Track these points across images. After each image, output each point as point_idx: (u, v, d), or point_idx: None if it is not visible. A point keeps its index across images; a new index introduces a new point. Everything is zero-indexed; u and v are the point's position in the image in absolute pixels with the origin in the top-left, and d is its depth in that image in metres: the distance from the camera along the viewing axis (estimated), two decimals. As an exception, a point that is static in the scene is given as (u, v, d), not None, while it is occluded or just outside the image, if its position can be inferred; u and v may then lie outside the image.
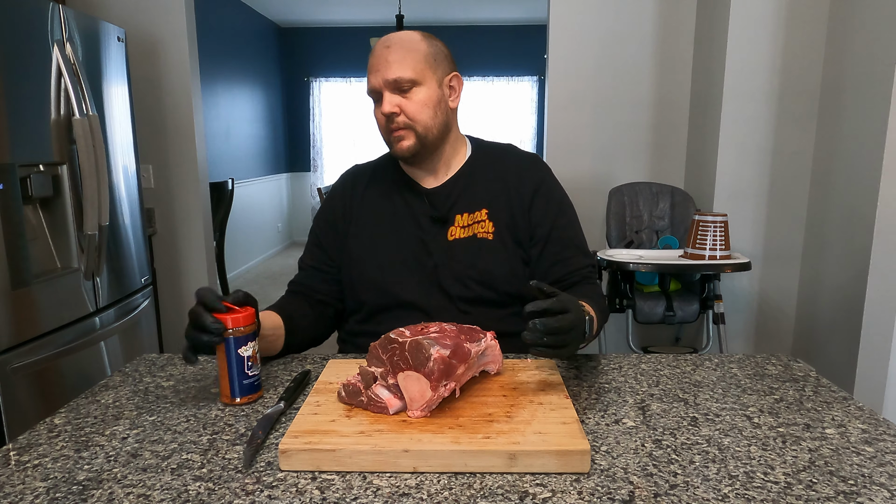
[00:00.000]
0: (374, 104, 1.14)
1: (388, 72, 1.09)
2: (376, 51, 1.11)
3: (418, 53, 1.11)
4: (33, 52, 1.82)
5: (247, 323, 0.88)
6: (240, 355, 0.88)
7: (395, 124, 1.11)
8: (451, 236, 1.17)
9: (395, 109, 1.10)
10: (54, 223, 1.95)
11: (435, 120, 1.14)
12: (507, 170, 1.21)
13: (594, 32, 2.80)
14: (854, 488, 0.68)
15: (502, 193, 1.19)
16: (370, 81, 1.12)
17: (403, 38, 1.12)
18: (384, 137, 1.16)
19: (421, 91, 1.11)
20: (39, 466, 0.74)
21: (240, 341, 0.88)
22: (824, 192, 2.44)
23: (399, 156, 1.15)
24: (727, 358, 1.12)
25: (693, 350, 2.79)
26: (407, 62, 1.09)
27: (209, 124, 4.82)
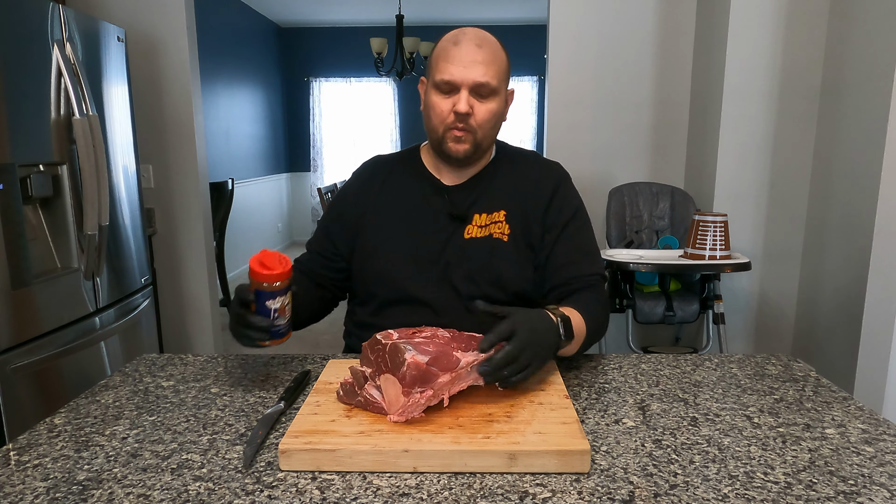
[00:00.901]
0: (440, 93, 1.09)
1: (476, 73, 1.06)
2: (465, 44, 1.07)
3: (503, 63, 1.11)
4: (33, 52, 1.82)
5: (273, 280, 0.91)
6: (266, 307, 0.92)
7: (462, 125, 1.09)
8: (467, 234, 1.17)
9: (470, 111, 1.08)
10: (54, 223, 1.95)
11: (493, 131, 1.14)
12: (528, 175, 1.21)
13: (594, 32, 2.80)
14: (854, 488, 0.68)
15: (521, 197, 1.18)
16: (450, 72, 1.07)
17: (491, 42, 1.10)
18: (438, 131, 1.12)
19: (494, 102, 1.10)
20: (39, 466, 0.74)
21: (267, 295, 0.92)
22: (824, 192, 2.44)
23: (451, 155, 1.13)
24: (727, 358, 1.12)
25: (693, 350, 2.78)
26: (494, 69, 1.08)
27: (209, 124, 4.82)
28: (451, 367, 0.80)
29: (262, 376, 1.03)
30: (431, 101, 1.11)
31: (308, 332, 4.32)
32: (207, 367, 1.07)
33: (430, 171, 1.22)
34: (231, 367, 1.07)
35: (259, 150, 6.23)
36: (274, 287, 0.91)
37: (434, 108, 1.11)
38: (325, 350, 3.75)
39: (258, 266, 0.90)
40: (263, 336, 0.93)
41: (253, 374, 1.04)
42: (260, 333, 0.93)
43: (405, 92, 7.02)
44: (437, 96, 1.10)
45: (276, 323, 0.93)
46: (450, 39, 1.10)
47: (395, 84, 6.99)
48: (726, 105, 2.52)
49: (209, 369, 1.07)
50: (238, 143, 5.62)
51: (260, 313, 0.92)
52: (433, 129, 1.13)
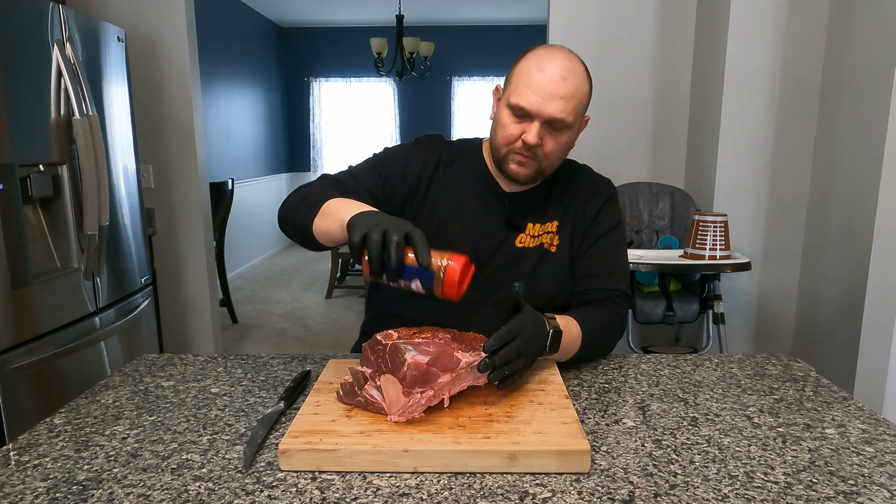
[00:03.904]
0: (512, 115, 1.06)
1: (554, 108, 1.02)
2: (550, 73, 1.02)
3: (583, 97, 1.06)
4: (33, 52, 1.82)
5: (444, 290, 0.81)
6: (409, 274, 0.81)
7: (528, 152, 1.06)
8: (519, 243, 1.15)
9: (539, 143, 1.05)
10: (54, 223, 1.95)
11: (559, 161, 1.12)
12: (582, 189, 1.19)
13: (594, 32, 2.80)
14: (854, 488, 0.68)
15: (574, 210, 1.17)
16: (528, 100, 1.02)
17: (577, 74, 1.04)
18: (501, 151, 1.09)
19: (566, 135, 1.07)
20: (39, 466, 0.74)
21: (423, 278, 0.81)
22: (824, 192, 2.44)
23: (509, 175, 1.11)
24: (727, 358, 1.12)
25: (693, 350, 2.78)
26: (573, 106, 1.04)
27: (209, 124, 4.82)
28: (452, 367, 0.80)
29: (262, 376, 1.03)
30: (502, 119, 1.08)
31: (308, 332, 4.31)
32: (207, 367, 1.07)
33: (491, 173, 1.19)
34: (231, 367, 1.07)
35: (259, 150, 6.23)
36: (434, 290, 0.81)
37: (503, 127, 1.08)
38: (325, 350, 3.76)
39: (459, 275, 0.80)
40: (376, 274, 0.81)
41: (253, 374, 1.04)
42: (377, 272, 0.80)
43: (405, 92, 7.02)
44: (508, 116, 1.06)
45: (394, 284, 0.83)
46: (535, 62, 1.04)
47: (395, 84, 6.99)
48: (726, 105, 2.52)
49: (209, 369, 1.07)
50: (238, 143, 5.62)
51: (404, 272, 0.81)
52: (497, 145, 1.11)
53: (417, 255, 0.79)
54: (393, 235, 0.78)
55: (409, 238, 0.80)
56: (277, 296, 4.87)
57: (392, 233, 0.78)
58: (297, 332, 3.96)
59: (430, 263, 0.80)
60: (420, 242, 0.80)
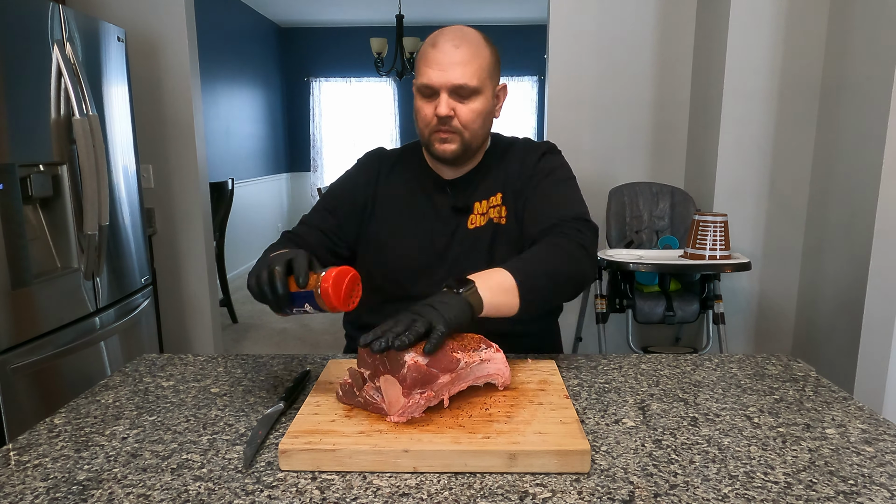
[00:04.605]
0: (422, 97, 1.10)
1: (453, 74, 1.05)
2: (442, 45, 1.06)
3: (484, 60, 1.08)
4: (33, 52, 1.82)
5: (328, 306, 0.85)
6: (301, 304, 0.86)
7: (446, 127, 1.09)
8: (470, 224, 1.17)
9: (451, 113, 1.07)
10: (54, 223, 1.95)
11: (482, 129, 1.13)
12: (515, 155, 1.21)
13: (594, 32, 2.80)
14: (854, 488, 0.68)
15: (514, 176, 1.19)
16: (428, 76, 1.06)
17: (472, 40, 1.08)
18: (424, 134, 1.13)
19: (478, 101, 1.09)
20: (39, 466, 0.74)
21: (312, 302, 0.85)
22: (824, 192, 2.44)
23: (438, 156, 1.13)
24: (727, 358, 1.12)
25: (693, 350, 2.78)
26: (473, 69, 1.06)
27: (209, 124, 4.82)
28: (451, 367, 0.80)
29: (262, 376, 1.03)
30: (416, 106, 1.12)
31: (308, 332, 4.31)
32: (207, 367, 1.07)
33: (431, 168, 1.22)
34: (231, 367, 1.07)
35: (259, 150, 6.23)
36: (322, 306, 0.85)
37: (418, 111, 1.12)
38: (325, 350, 3.76)
39: (332, 291, 0.83)
40: (274, 308, 0.87)
41: (253, 374, 1.04)
42: (275, 307, 0.87)
43: (405, 92, 7.02)
44: (420, 100, 1.11)
45: (293, 311, 0.89)
46: (429, 41, 1.09)
47: (395, 84, 6.99)
48: (726, 105, 2.52)
49: (209, 369, 1.07)
50: (238, 143, 5.62)
51: (293, 301, 0.86)
52: (420, 132, 1.14)
53: (295, 278, 0.85)
54: (275, 266, 0.85)
55: (290, 265, 0.86)
56: (277, 296, 4.85)
57: (275, 264, 0.85)
58: (297, 332, 3.96)
59: (307, 284, 0.84)
60: (297, 267, 0.85)
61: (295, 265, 0.86)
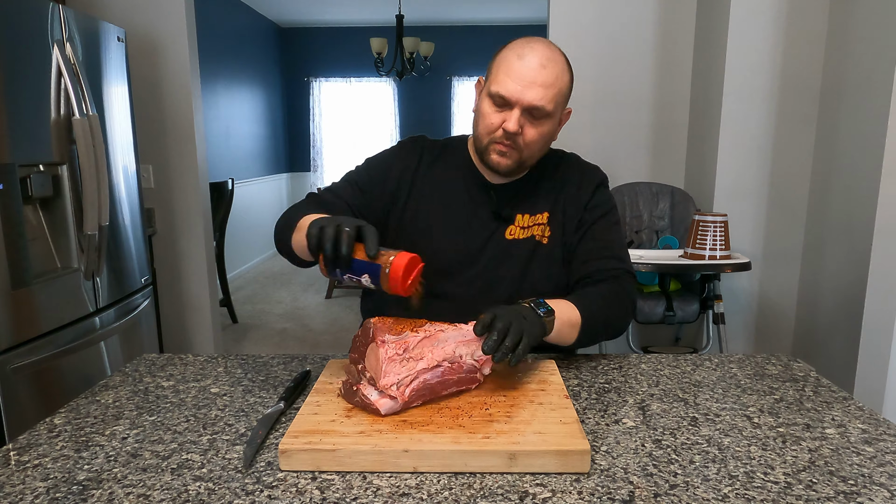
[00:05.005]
0: (492, 104, 1.07)
1: (534, 95, 1.03)
2: (529, 61, 1.03)
3: (563, 86, 1.07)
4: (33, 52, 1.82)
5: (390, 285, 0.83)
6: (358, 269, 0.84)
7: (509, 142, 1.07)
8: (509, 235, 1.15)
9: (519, 130, 1.05)
10: (54, 223, 1.95)
11: (541, 152, 1.12)
12: (571, 177, 1.19)
13: (594, 32, 2.80)
14: (854, 488, 0.68)
15: (564, 199, 1.17)
16: (507, 88, 1.03)
17: (557, 62, 1.05)
18: (483, 140, 1.10)
19: (547, 124, 1.08)
20: (39, 466, 0.74)
21: (371, 272, 0.83)
22: (824, 192, 2.44)
23: (491, 166, 1.11)
24: (727, 358, 1.12)
25: (693, 350, 2.78)
26: (553, 93, 1.04)
27: (209, 124, 4.82)
28: (422, 325, 0.87)
29: (262, 376, 1.03)
30: (482, 109, 1.09)
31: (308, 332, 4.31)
32: (207, 367, 1.07)
33: (476, 167, 1.19)
34: (231, 367, 1.07)
35: (259, 150, 6.23)
36: (382, 284, 0.83)
37: (484, 117, 1.08)
38: (325, 350, 3.76)
39: (403, 273, 0.82)
40: (328, 265, 0.84)
41: (253, 374, 1.04)
42: (330, 264, 0.83)
43: (405, 92, 7.02)
44: (488, 106, 1.07)
45: (344, 277, 0.86)
46: (515, 50, 1.05)
47: (395, 84, 6.99)
48: (726, 105, 2.52)
49: (209, 369, 1.07)
50: (238, 143, 5.62)
51: (351, 266, 0.84)
52: (479, 136, 1.11)
53: (366, 247, 0.82)
54: (345, 227, 0.82)
55: (361, 233, 0.83)
56: (277, 296, 4.87)
57: (345, 225, 0.82)
58: (297, 332, 3.96)
59: (377, 256, 0.82)
60: (370, 237, 0.83)
61: (366, 235, 0.83)
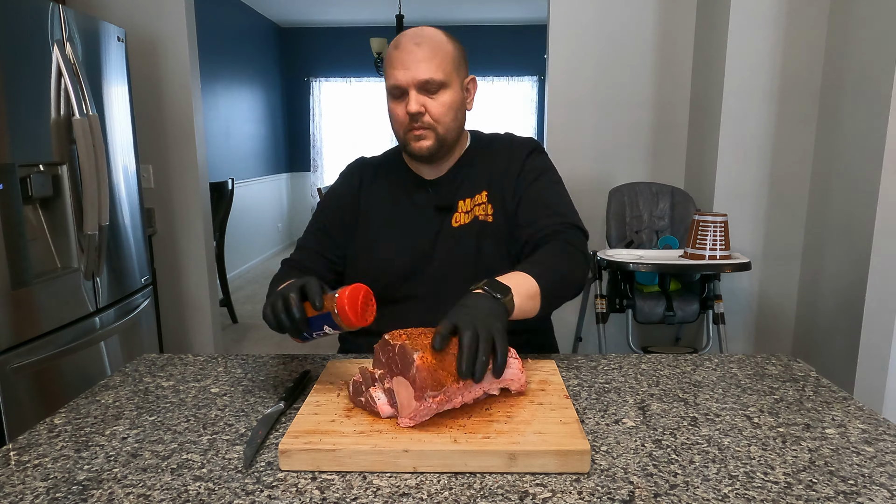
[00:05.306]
0: (393, 99, 1.12)
1: (418, 71, 1.07)
2: (404, 46, 1.09)
3: (447, 54, 1.10)
4: (33, 52, 1.82)
5: (346, 325, 0.86)
6: (320, 327, 0.88)
7: (418, 124, 1.10)
8: (455, 223, 1.18)
9: (421, 109, 1.09)
10: (54, 223, 1.95)
11: (455, 122, 1.14)
12: (502, 152, 1.21)
13: (594, 32, 2.80)
14: (854, 488, 0.68)
15: (499, 175, 1.19)
16: (395, 77, 1.09)
17: (433, 37, 1.10)
18: (400, 134, 1.15)
19: (447, 94, 1.11)
20: (39, 466, 0.74)
21: (331, 324, 0.87)
22: (824, 192, 2.44)
23: (415, 154, 1.14)
24: (727, 358, 1.12)
25: (693, 350, 2.78)
26: (437, 63, 1.08)
27: (209, 124, 4.82)
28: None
29: (262, 376, 1.03)
30: (389, 108, 1.14)
31: (308, 332, 4.26)
32: (207, 367, 1.07)
33: (413, 170, 1.23)
34: (231, 367, 1.07)
35: (259, 150, 6.23)
36: (340, 325, 0.86)
37: (391, 113, 1.14)
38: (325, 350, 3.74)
39: (349, 307, 0.84)
40: (294, 335, 0.90)
41: (253, 374, 1.04)
42: (294, 333, 0.89)
43: (405, 92, 7.01)
44: (392, 102, 1.13)
45: (312, 336, 0.91)
46: (392, 45, 1.12)
47: (395, 84, 6.99)
48: (726, 105, 2.52)
49: (209, 369, 1.07)
50: (238, 143, 5.62)
51: (311, 325, 0.88)
52: (396, 134, 1.16)
53: (311, 301, 0.86)
54: (290, 293, 0.87)
55: (304, 291, 0.88)
56: (277, 296, 4.85)
57: (289, 291, 0.87)
58: (297, 332, 3.95)
59: (323, 306, 0.85)
60: (311, 291, 0.86)
61: (308, 290, 0.87)
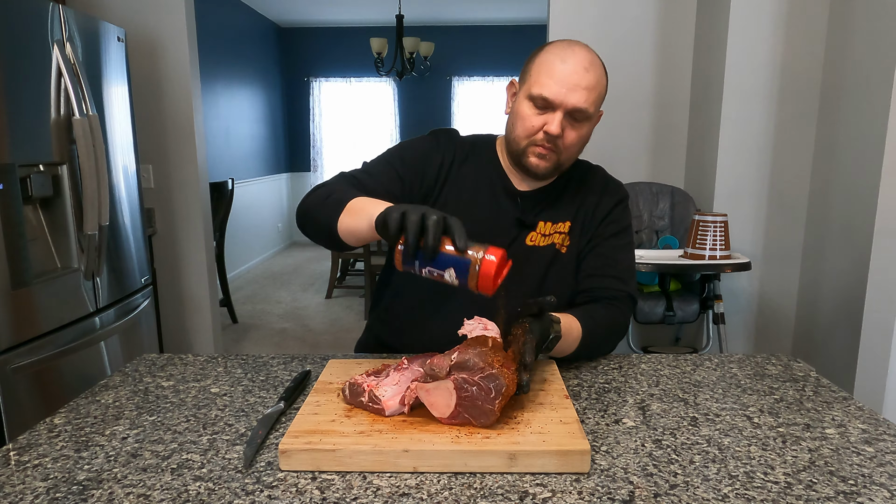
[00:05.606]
0: (533, 106, 1.06)
1: (577, 98, 1.03)
2: (573, 65, 1.03)
3: (602, 89, 1.08)
4: (33, 52, 1.82)
5: (479, 283, 0.77)
6: (446, 261, 0.79)
7: (550, 144, 1.06)
8: (529, 241, 1.15)
9: (560, 133, 1.04)
10: (54, 223, 1.95)
11: (577, 154, 1.12)
12: (595, 189, 1.19)
13: (594, 32, 2.80)
14: (854, 488, 0.68)
15: (585, 211, 1.17)
16: (550, 90, 1.03)
17: (598, 64, 1.07)
18: (521, 143, 1.09)
19: (586, 127, 1.08)
20: (39, 466, 0.74)
21: (461, 267, 0.78)
22: (824, 192, 2.44)
23: (529, 169, 1.10)
24: (727, 358, 1.12)
25: (693, 350, 2.78)
26: (595, 96, 1.05)
27: (209, 124, 4.82)
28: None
29: (262, 376, 1.03)
30: (521, 112, 1.07)
31: (308, 332, 4.31)
32: (207, 367, 1.07)
33: (504, 171, 1.18)
34: (231, 367, 1.07)
35: (259, 150, 6.23)
36: (469, 281, 0.78)
37: (524, 119, 1.07)
38: (325, 350, 3.76)
39: (496, 269, 0.77)
40: (407, 256, 0.80)
41: (253, 374, 1.04)
42: (410, 254, 0.79)
43: (405, 92, 7.02)
44: (529, 108, 1.06)
45: (424, 270, 0.80)
46: (557, 53, 1.05)
47: (395, 84, 6.99)
48: (726, 105, 2.52)
49: (209, 369, 1.07)
50: (238, 143, 5.62)
51: (437, 259, 0.78)
52: (516, 139, 1.10)
53: (456, 239, 0.77)
54: (432, 215, 0.77)
55: (447, 224, 0.79)
56: (277, 296, 4.87)
57: (431, 213, 0.78)
58: (297, 332, 3.96)
59: (466, 250, 0.77)
60: (458, 228, 0.78)
61: (455, 225, 0.78)
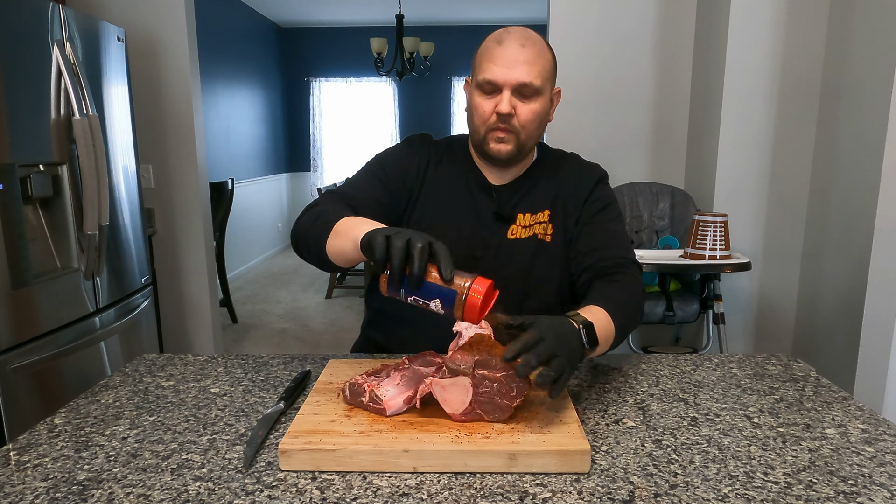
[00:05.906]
0: (482, 94, 1.08)
1: (519, 73, 1.04)
2: (508, 44, 1.05)
3: (547, 62, 1.08)
4: (33, 52, 1.82)
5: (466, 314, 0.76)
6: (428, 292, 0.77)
7: (504, 125, 1.07)
8: (511, 235, 1.15)
9: (512, 111, 1.06)
10: (54, 223, 1.95)
11: (538, 131, 1.12)
12: (570, 175, 1.20)
13: (594, 32, 2.80)
14: (854, 488, 0.68)
15: (564, 196, 1.17)
16: (492, 72, 1.05)
17: (537, 41, 1.08)
18: (480, 132, 1.10)
19: (538, 101, 1.08)
20: (39, 466, 0.74)
21: (444, 297, 0.76)
22: (824, 192, 2.44)
23: (492, 155, 1.11)
24: (727, 358, 1.12)
25: (693, 350, 2.78)
26: (538, 69, 1.06)
27: (209, 124, 4.82)
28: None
29: (262, 376, 1.03)
30: (474, 102, 1.10)
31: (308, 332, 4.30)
32: (207, 367, 1.07)
33: (478, 168, 1.19)
34: (231, 367, 1.07)
35: (259, 150, 6.23)
36: (454, 312, 0.77)
37: (476, 108, 1.09)
38: (325, 350, 3.76)
39: (482, 301, 0.76)
40: (392, 283, 0.78)
41: (253, 374, 1.04)
42: (396, 282, 0.77)
43: (405, 92, 7.02)
44: (479, 97, 1.09)
45: (409, 298, 0.79)
46: (494, 38, 1.08)
47: (395, 84, 6.99)
48: (726, 105, 2.52)
49: (209, 369, 1.07)
50: (238, 143, 5.62)
51: (423, 289, 0.76)
52: (475, 129, 1.11)
53: (442, 269, 0.75)
54: (417, 242, 0.75)
55: (433, 250, 0.77)
56: (277, 296, 4.87)
57: (416, 240, 0.76)
58: (297, 332, 3.95)
59: (452, 280, 0.75)
60: (444, 256, 0.76)
61: (442, 255, 0.76)
